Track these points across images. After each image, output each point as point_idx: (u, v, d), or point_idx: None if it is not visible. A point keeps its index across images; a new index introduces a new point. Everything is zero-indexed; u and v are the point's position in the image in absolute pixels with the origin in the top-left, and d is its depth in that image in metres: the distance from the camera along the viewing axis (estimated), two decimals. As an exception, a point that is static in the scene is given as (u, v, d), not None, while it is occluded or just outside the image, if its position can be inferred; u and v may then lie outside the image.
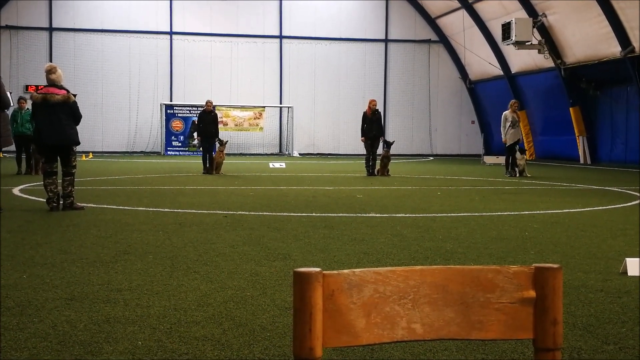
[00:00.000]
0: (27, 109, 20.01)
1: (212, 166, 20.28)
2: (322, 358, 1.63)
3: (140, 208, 11.24)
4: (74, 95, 11.03)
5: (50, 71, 10.99)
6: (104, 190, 14.61)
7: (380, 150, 20.56)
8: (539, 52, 30.69)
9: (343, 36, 38.40)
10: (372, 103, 20.60)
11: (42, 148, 11.11)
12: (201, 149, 21.59)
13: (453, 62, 39.15)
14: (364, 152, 21.01)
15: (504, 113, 21.07)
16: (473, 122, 39.47)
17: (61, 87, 10.93)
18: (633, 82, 27.07)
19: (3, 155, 20.78)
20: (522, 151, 21.83)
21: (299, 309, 1.61)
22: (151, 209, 11.08)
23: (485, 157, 31.68)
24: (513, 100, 21.83)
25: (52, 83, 10.93)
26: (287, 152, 37.52)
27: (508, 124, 20.65)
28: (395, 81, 39.11)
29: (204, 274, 6.16)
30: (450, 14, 36.68)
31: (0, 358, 3.95)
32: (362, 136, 20.50)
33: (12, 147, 17.55)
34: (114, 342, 4.23)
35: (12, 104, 11.42)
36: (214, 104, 22.41)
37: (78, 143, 11.05)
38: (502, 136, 20.95)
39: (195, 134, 35.11)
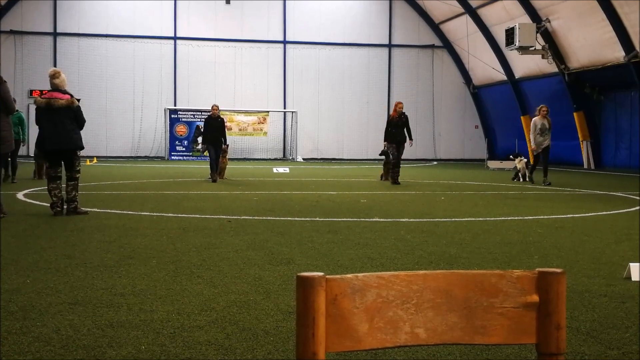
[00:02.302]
0: (17, 110, 19.89)
1: (217, 172, 19.22)
2: (325, 362, 1.63)
3: (144, 213, 11.25)
4: (78, 100, 11.05)
5: (54, 76, 11.01)
6: (108, 195, 14.63)
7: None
8: (543, 57, 30.69)
9: (347, 41, 38.43)
10: (399, 106, 19.09)
11: (46, 153, 11.11)
12: (208, 156, 20.03)
13: (457, 67, 39.15)
14: (369, 157, 21.03)
15: (533, 119, 19.39)
16: (477, 126, 39.47)
17: (65, 92, 10.94)
18: (637, 87, 27.06)
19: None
20: (516, 155, 21.73)
21: (302, 313, 1.61)
22: (155, 214, 11.09)
23: (489, 161, 31.65)
24: (542, 105, 19.77)
25: (55, 88, 10.95)
26: (291, 157, 37.53)
27: (537, 131, 18.98)
28: (399, 86, 39.10)
29: (207, 279, 6.16)
30: (454, 19, 36.70)
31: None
32: (384, 140, 19.29)
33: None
34: (118, 346, 4.23)
35: (16, 110, 11.42)
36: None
37: (82, 148, 11.06)
38: (532, 144, 19.24)
39: (199, 139, 35.20)
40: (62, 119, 10.69)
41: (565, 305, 1.75)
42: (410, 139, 19.21)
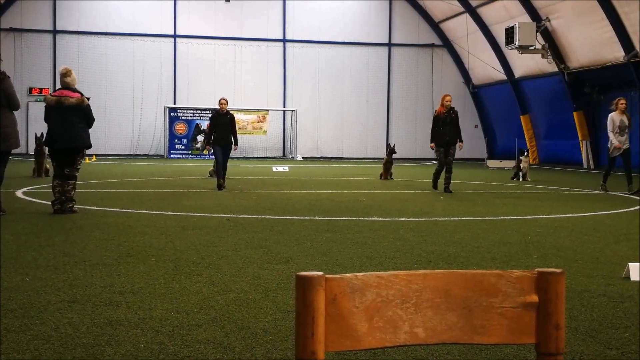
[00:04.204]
0: None
1: (223, 178, 16.07)
2: (324, 362, 1.63)
3: (143, 211, 11.25)
4: (88, 99, 11.02)
5: (65, 74, 10.99)
6: (107, 193, 14.62)
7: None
8: (543, 56, 30.68)
9: (346, 40, 38.41)
10: (446, 99, 16.09)
11: (54, 150, 11.03)
12: (214, 158, 16.64)
13: (456, 66, 39.13)
14: (368, 156, 20.62)
15: (610, 115, 16.05)
16: (476, 126, 39.44)
17: (75, 90, 10.93)
18: (636, 86, 27.05)
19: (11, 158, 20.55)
20: (522, 152, 21.70)
21: (302, 312, 1.61)
22: (154, 212, 11.09)
23: (488, 161, 31.66)
24: (619, 98, 16.28)
25: (66, 86, 10.94)
26: (290, 156, 37.52)
27: (616, 129, 15.70)
28: (399, 85, 39.09)
29: (206, 277, 6.16)
30: (453, 18, 36.68)
31: (2, 360, 3.96)
32: (431, 142, 16.06)
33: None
34: (116, 344, 4.23)
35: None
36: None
37: (90, 146, 11.05)
38: (610, 144, 15.86)
39: (198, 138, 35.15)
40: (71, 118, 10.69)
41: (564, 305, 1.75)
42: (460, 140, 15.99)
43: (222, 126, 16.04)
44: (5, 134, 10.12)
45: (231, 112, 16.67)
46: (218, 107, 16.47)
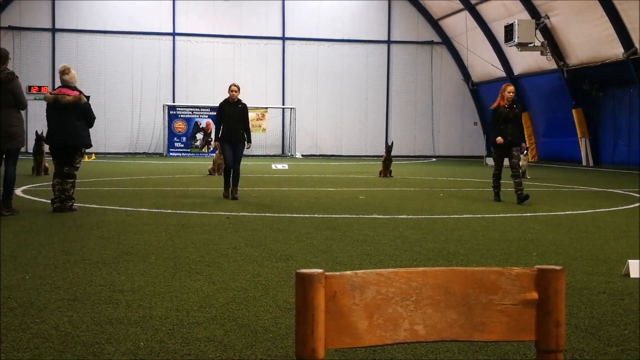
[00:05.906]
0: None
1: (235, 186, 13.19)
2: (324, 359, 1.63)
3: (143, 209, 11.25)
4: (87, 98, 10.99)
5: (63, 72, 10.98)
6: (107, 191, 14.62)
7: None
8: (542, 53, 30.67)
9: (346, 37, 38.40)
10: (508, 90, 13.17)
11: (53, 149, 11.02)
12: (221, 158, 14.52)
13: (456, 63, 39.13)
14: (367, 154, 20.41)
15: None
16: (475, 123, 39.46)
17: (74, 89, 10.91)
18: (636, 83, 27.05)
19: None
20: (522, 151, 21.70)
21: (302, 310, 1.61)
22: (154, 210, 11.09)
23: (487, 158, 31.62)
24: None
25: (65, 84, 10.93)
26: (289, 154, 37.51)
27: None
28: (398, 82, 39.08)
29: (206, 275, 6.16)
30: (452, 16, 36.67)
31: (2, 359, 3.95)
32: (496, 137, 13.15)
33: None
34: (116, 342, 4.24)
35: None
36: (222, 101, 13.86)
37: (89, 145, 11.01)
38: None
39: (197, 136, 35.14)
40: (69, 116, 10.67)
41: (564, 302, 1.75)
42: (523, 139, 13.72)
43: (232, 118, 13.17)
44: (13, 133, 10.12)
45: (243, 102, 13.63)
46: (228, 95, 13.59)
